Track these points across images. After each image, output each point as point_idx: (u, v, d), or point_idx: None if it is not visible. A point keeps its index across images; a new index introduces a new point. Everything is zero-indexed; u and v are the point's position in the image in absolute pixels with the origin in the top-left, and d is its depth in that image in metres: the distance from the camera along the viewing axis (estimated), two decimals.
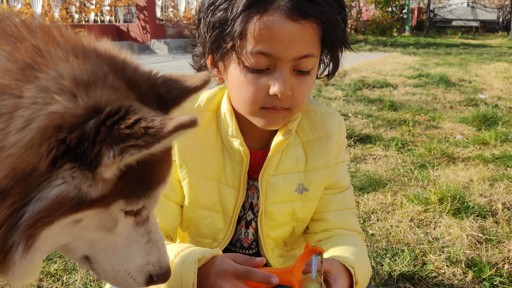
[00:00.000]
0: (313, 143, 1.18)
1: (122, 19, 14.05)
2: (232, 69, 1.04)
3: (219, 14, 0.99)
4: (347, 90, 5.61)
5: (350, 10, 16.34)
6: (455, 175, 2.79)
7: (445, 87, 5.96)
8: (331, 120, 1.19)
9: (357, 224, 1.25)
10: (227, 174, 1.15)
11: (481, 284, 1.71)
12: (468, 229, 2.08)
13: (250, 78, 1.00)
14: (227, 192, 1.15)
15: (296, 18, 0.95)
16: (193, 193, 1.14)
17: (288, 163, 1.16)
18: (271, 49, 0.96)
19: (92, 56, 0.66)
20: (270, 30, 0.95)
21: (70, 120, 0.57)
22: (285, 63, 0.98)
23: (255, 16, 0.95)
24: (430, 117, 4.30)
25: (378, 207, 2.34)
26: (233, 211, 1.16)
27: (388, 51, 11.46)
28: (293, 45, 0.96)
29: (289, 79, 0.99)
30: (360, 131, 3.71)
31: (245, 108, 1.06)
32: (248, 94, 1.02)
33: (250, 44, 0.97)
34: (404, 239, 2.03)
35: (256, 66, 0.99)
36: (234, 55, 1.00)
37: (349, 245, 1.13)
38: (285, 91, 0.98)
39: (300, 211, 1.19)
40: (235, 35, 0.97)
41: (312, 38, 0.98)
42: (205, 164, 1.13)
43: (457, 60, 9.46)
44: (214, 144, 1.15)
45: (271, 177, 1.15)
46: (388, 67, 7.96)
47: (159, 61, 10.62)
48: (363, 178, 2.71)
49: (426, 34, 18.80)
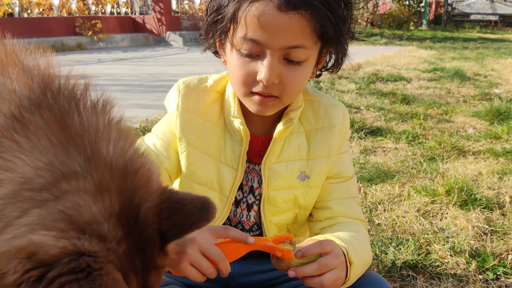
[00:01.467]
0: (316, 132, 1.21)
1: (138, 11, 14.14)
2: (228, 53, 1.10)
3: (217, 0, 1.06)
4: (360, 83, 5.61)
5: (367, 3, 16.19)
6: (464, 168, 2.79)
7: (459, 81, 5.92)
8: (335, 110, 1.22)
9: (360, 212, 1.28)
10: (227, 154, 1.18)
11: (484, 274, 1.73)
12: (474, 221, 2.10)
13: (241, 62, 1.05)
14: (225, 172, 1.18)
15: (284, 9, 0.98)
16: (190, 167, 1.17)
17: (290, 151, 1.19)
18: (259, 36, 1.00)
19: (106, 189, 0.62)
20: (258, 18, 0.99)
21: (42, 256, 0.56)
22: (274, 52, 1.02)
23: (245, 2, 1.00)
24: (443, 111, 4.28)
25: (385, 198, 2.37)
26: (230, 191, 1.19)
27: (404, 45, 11.36)
28: (280, 34, 1.00)
29: (277, 68, 1.03)
30: (372, 124, 3.72)
31: (237, 90, 1.11)
32: (238, 77, 1.07)
33: (241, 30, 1.02)
34: (410, 229, 2.06)
35: (247, 51, 1.03)
36: (228, 39, 1.06)
37: (350, 230, 1.15)
38: (270, 78, 1.02)
39: (302, 197, 1.23)
40: (226, 19, 1.03)
41: (302, 30, 1.01)
42: (204, 140, 1.17)
43: (473, 54, 9.34)
44: (216, 123, 1.18)
45: (274, 164, 1.18)
46: (403, 61, 7.91)
47: (174, 53, 10.69)
48: (372, 169, 2.73)
49: (443, 28, 18.55)
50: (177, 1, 13.91)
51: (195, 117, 1.16)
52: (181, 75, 6.70)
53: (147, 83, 6.05)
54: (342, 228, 1.18)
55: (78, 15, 12.61)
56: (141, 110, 4.24)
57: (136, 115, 4.04)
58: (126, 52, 11.08)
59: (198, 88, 1.18)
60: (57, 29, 11.76)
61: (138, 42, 13.23)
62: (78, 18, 12.20)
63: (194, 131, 1.16)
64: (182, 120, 1.15)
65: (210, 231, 0.96)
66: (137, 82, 6.12)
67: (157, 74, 7.01)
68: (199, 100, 1.18)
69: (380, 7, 19.76)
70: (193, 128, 1.16)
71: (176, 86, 1.18)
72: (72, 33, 12.11)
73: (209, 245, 0.93)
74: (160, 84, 5.98)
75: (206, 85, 1.20)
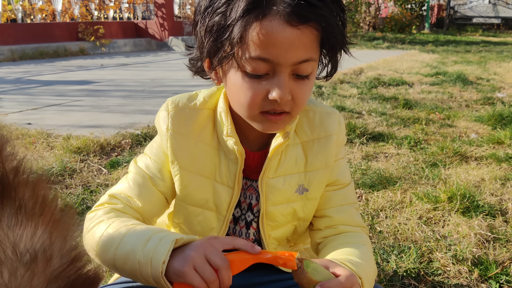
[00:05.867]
0: (312, 143, 1.19)
1: (140, 16, 14.19)
2: (231, 74, 1.03)
3: (217, 18, 0.97)
4: (362, 88, 5.60)
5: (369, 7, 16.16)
6: (467, 174, 2.77)
7: (462, 86, 5.90)
8: (330, 119, 1.20)
9: (360, 219, 1.26)
10: (222, 172, 1.15)
11: (487, 283, 1.71)
12: (477, 228, 2.08)
13: (249, 83, 1.00)
14: (221, 191, 1.15)
15: (295, 24, 0.94)
16: (184, 190, 1.14)
17: (287, 164, 1.17)
18: (270, 54, 0.95)
19: None
20: (269, 36, 0.94)
21: None
22: (284, 68, 0.98)
23: (254, 22, 0.94)
24: (445, 116, 4.27)
25: (387, 205, 2.36)
26: (227, 210, 1.17)
27: (406, 48, 11.35)
28: (292, 50, 0.96)
29: (288, 84, 0.99)
30: (373, 129, 3.71)
31: (244, 112, 1.06)
32: (246, 99, 1.02)
33: (249, 50, 0.96)
34: (412, 236, 2.04)
35: (255, 72, 0.98)
36: (233, 60, 0.99)
37: (356, 246, 1.13)
38: (285, 95, 0.98)
39: (301, 210, 1.21)
40: (233, 41, 0.96)
41: (311, 43, 0.98)
42: (198, 161, 1.14)
43: (476, 58, 9.32)
44: (209, 143, 1.15)
45: (271, 180, 1.16)
46: (405, 65, 7.90)
47: (176, 58, 10.70)
48: (374, 175, 2.72)
49: (445, 31, 18.55)
50: (179, 6, 13.97)
51: (187, 138, 1.13)
52: (183, 80, 6.71)
53: (149, 89, 6.06)
54: (346, 241, 1.16)
55: (81, 20, 12.67)
56: (143, 116, 4.24)
57: (138, 121, 4.04)
58: (129, 57, 11.11)
59: (188, 107, 1.13)
60: (60, 34, 11.81)
61: (141, 47, 13.27)
62: (81, 23, 12.25)
63: (186, 153, 1.12)
64: (173, 143, 1.11)
65: (216, 240, 0.93)
66: (139, 88, 6.13)
67: (160, 79, 7.02)
68: (190, 120, 1.13)
69: (382, 10, 19.78)
70: (185, 150, 1.12)
71: (165, 106, 1.13)
72: (75, 39, 12.16)
73: (214, 250, 0.91)
74: (162, 90, 5.99)
75: (196, 102, 1.15)
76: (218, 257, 0.90)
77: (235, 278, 1.22)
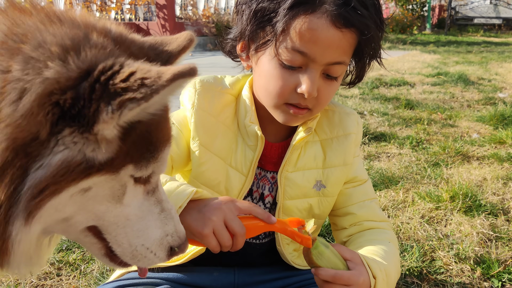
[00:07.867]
0: (331, 141, 1.22)
1: (142, 17, 14.21)
2: (265, 61, 1.06)
3: (265, 4, 1.01)
4: (364, 88, 5.61)
5: None
6: (469, 174, 2.78)
7: (463, 86, 5.91)
8: (349, 119, 1.24)
9: (381, 212, 1.28)
10: (237, 158, 1.17)
11: (489, 281, 1.72)
12: (479, 227, 2.09)
13: (281, 72, 1.03)
14: (234, 177, 1.17)
15: (339, 26, 0.98)
16: (199, 168, 1.16)
17: (306, 159, 1.20)
18: (309, 49, 0.99)
19: (67, 20, 0.63)
20: (312, 32, 0.98)
21: (65, 84, 0.55)
22: (318, 66, 1.02)
23: (302, 15, 0.98)
24: (447, 116, 4.28)
25: (389, 204, 2.36)
26: (237, 197, 1.18)
27: (408, 49, 11.35)
28: (330, 50, 1.00)
29: (318, 81, 1.03)
30: (375, 129, 3.72)
31: (269, 100, 1.09)
32: (275, 87, 1.05)
33: (290, 40, 1.00)
34: (414, 235, 2.05)
35: (290, 63, 1.02)
36: (270, 47, 1.03)
37: (381, 243, 1.15)
38: (313, 91, 1.02)
39: (316, 207, 1.23)
40: (278, 28, 0.99)
41: (348, 47, 1.02)
42: (216, 140, 1.15)
43: (477, 58, 9.32)
44: (229, 126, 1.17)
45: (290, 173, 1.19)
46: (406, 66, 7.90)
47: None
48: (376, 175, 2.73)
49: (447, 32, 18.55)
50: (181, 8, 13.99)
51: (209, 116, 1.15)
52: None
53: None
54: (372, 238, 1.17)
55: None
56: None
57: None
58: None
59: (214, 89, 1.17)
60: None
61: None
62: None
63: (207, 131, 1.15)
64: (197, 119, 1.14)
65: (235, 204, 0.96)
66: None
67: None
68: (214, 100, 1.16)
69: (384, 11, 19.79)
70: (206, 128, 1.15)
71: (193, 84, 1.16)
72: None
73: (233, 216, 0.94)
74: None
75: (222, 86, 1.19)
76: (237, 224, 0.93)
77: (239, 275, 1.24)
